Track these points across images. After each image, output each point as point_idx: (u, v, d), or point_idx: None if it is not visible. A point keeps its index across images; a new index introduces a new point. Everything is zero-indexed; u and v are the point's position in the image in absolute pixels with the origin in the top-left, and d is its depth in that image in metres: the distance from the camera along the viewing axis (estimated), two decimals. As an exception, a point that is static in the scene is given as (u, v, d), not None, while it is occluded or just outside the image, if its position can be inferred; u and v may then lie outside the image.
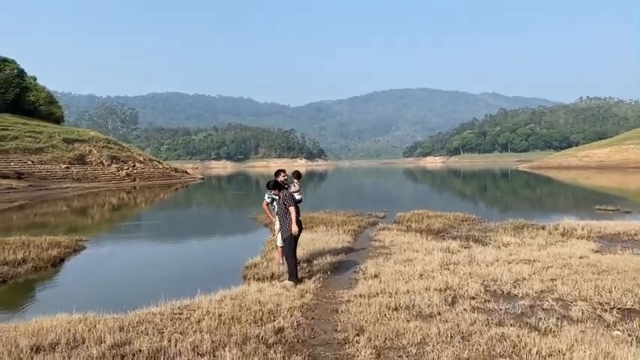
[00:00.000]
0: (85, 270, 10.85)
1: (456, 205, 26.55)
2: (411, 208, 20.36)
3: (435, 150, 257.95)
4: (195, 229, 19.71)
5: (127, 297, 8.06)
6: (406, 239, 11.88)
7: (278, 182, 8.42)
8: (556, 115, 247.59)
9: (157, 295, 7.22)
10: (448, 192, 41.61)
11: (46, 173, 49.93)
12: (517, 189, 41.88)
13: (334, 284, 7.95)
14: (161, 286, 8.58)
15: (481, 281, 7.48)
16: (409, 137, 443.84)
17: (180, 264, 11.39)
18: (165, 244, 15.31)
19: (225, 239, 16.17)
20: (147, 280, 9.64)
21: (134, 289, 8.91)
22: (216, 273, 9.66)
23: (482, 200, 31.49)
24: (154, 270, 10.72)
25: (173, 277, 9.59)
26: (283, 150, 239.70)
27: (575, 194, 34.62)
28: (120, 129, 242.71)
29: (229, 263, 9.65)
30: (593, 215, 18.59)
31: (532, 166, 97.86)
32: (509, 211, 23.37)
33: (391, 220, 17.70)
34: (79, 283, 9.54)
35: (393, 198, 35.16)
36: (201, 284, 8.57)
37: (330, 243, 11.56)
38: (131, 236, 17.88)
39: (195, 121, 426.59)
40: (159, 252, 13.49)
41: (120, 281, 9.62)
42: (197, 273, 9.95)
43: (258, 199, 37.23)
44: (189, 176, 69.75)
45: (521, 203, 27.98)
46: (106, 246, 15.08)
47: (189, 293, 7.46)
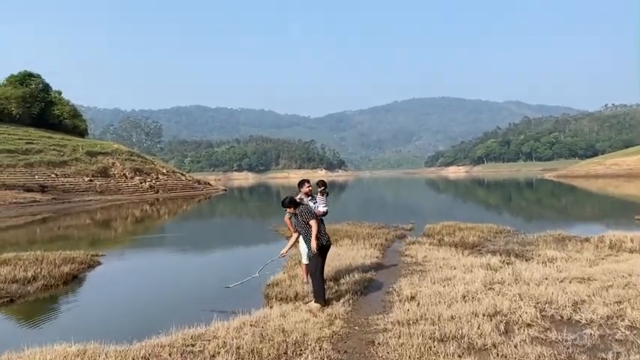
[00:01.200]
0: (96, 289, 10.16)
1: (484, 215, 25.55)
2: (439, 219, 19.43)
3: (457, 159, 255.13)
4: (216, 242, 19.03)
5: (137, 321, 7.34)
6: (440, 254, 10.98)
7: (293, 199, 7.64)
8: (580, 124, 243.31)
9: (169, 320, 6.49)
10: (474, 202, 40.44)
11: (70, 186, 50.03)
12: (546, 198, 40.52)
13: (366, 307, 7.10)
14: (175, 308, 7.87)
15: (534, 304, 6.56)
16: (431, 147, 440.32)
17: (199, 281, 10.65)
18: (184, 258, 14.62)
19: (246, 253, 15.40)
20: (160, 301, 8.86)
21: (145, 311, 8.15)
22: (237, 292, 8.87)
23: (511, 211, 30.32)
24: (169, 288, 9.98)
25: (189, 297, 8.83)
26: (303, 161, 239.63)
27: (608, 204, 33.22)
28: (144, 142, 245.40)
29: (251, 280, 8.87)
30: (633, 225, 17.46)
31: (558, 175, 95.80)
32: (542, 221, 22.32)
33: (420, 232, 16.81)
34: (87, 304, 8.81)
35: (418, 209, 34.15)
36: (220, 305, 7.87)
37: (357, 258, 10.72)
38: (150, 250, 17.27)
39: (218, 133, 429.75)
40: (177, 267, 12.77)
41: (131, 302, 8.87)
42: (216, 292, 9.16)
43: (278, 210, 36.75)
44: (211, 188, 69.54)
45: (553, 213, 26.80)
46: (122, 261, 14.45)
47: (205, 317, 6.72)
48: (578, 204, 33.86)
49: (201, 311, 7.51)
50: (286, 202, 7.56)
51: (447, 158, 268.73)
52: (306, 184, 8.73)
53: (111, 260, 13.98)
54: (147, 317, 7.60)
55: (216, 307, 7.71)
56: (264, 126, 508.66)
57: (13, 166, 48.08)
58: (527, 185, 65.24)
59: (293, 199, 7.58)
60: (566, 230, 15.14)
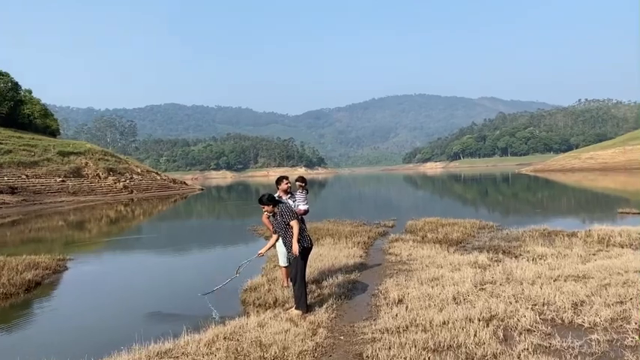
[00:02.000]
0: (58, 298, 9.42)
1: (464, 211, 25.26)
2: (419, 215, 19.11)
3: (434, 155, 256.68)
4: (191, 244, 18.33)
5: (98, 336, 6.67)
6: (425, 252, 10.51)
7: (272, 197, 6.97)
8: (555, 118, 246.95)
9: (134, 334, 5.91)
10: (452, 198, 40.26)
11: (41, 187, 48.57)
12: (524, 193, 40.51)
13: (351, 313, 6.57)
14: (143, 319, 7.25)
15: (531, 306, 6.11)
16: (408, 143, 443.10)
17: (171, 287, 9.99)
18: (157, 261, 13.94)
19: (223, 255, 14.74)
20: (128, 310, 8.11)
21: (109, 323, 7.42)
22: (212, 297, 8.29)
23: (491, 206, 30.13)
24: (139, 296, 9.26)
25: (160, 306, 8.12)
26: (283, 159, 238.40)
27: (587, 197, 33.25)
28: (119, 141, 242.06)
29: (227, 284, 8.27)
30: (617, 219, 17.27)
31: (535, 169, 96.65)
32: (523, 216, 22.06)
33: (402, 229, 16.37)
34: (46, 315, 8.04)
35: (398, 205, 33.80)
36: (192, 313, 7.28)
37: (340, 258, 10.20)
38: (123, 252, 16.54)
39: (194, 131, 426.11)
40: (149, 272, 12.10)
41: (95, 313, 8.12)
42: (188, 297, 8.56)
43: (257, 209, 36.07)
44: (188, 187, 68.44)
45: (533, 208, 26.60)
46: (91, 265, 13.68)
47: (175, 329, 6.14)
48: (557, 198, 33.83)
49: (172, 321, 6.92)
50: (264, 199, 6.86)
51: (424, 154, 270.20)
52: (284, 180, 8.18)
53: (79, 264, 13.25)
54: (110, 330, 6.93)
55: (188, 317, 7.13)
56: (242, 124, 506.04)
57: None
58: (505, 180, 65.42)
59: (272, 197, 6.94)
60: (550, 225, 14.86)
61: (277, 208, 6.84)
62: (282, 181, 8.15)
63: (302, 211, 8.22)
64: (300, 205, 8.34)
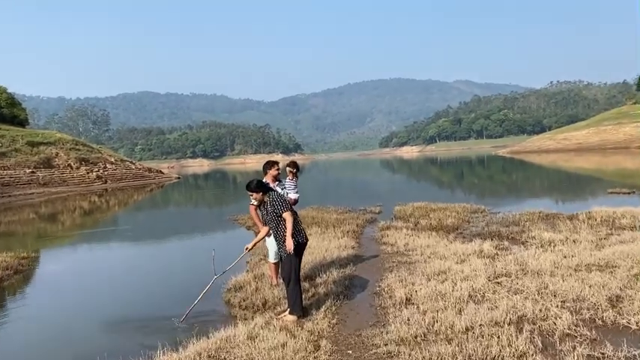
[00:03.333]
0: (12, 305, 8.33)
1: (450, 195, 24.68)
2: (404, 200, 18.28)
3: (410, 139, 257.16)
4: (168, 237, 17.31)
5: (54, 356, 5.71)
6: (423, 241, 9.71)
7: (261, 182, 6.03)
8: (528, 100, 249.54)
9: (98, 351, 5.01)
10: (434, 181, 39.74)
11: (9, 179, 46.68)
12: (505, 175, 40.19)
13: (354, 317, 5.69)
14: (111, 332, 6.27)
15: (560, 303, 5.34)
16: (384, 128, 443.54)
17: (145, 287, 9.01)
18: (131, 257, 12.91)
19: (201, 248, 13.73)
20: (93, 320, 6.95)
21: (69, 338, 6.36)
22: (190, 299, 7.38)
23: (476, 189, 29.59)
24: (108, 301, 8.17)
25: (130, 314, 7.05)
26: (259, 145, 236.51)
27: (571, 178, 32.92)
28: (92, 131, 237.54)
29: (205, 279, 7.37)
30: (608, 199, 16.72)
31: (511, 151, 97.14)
32: (511, 199, 21.51)
33: (390, 215, 15.60)
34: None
35: (380, 190, 33.09)
36: (170, 323, 6.35)
37: (332, 250, 9.33)
38: (94, 247, 15.43)
39: (169, 119, 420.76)
40: (121, 270, 11.05)
41: (53, 324, 7.04)
42: (165, 300, 7.64)
43: (236, 197, 35.20)
44: (164, 176, 66.84)
45: (519, 190, 26.13)
46: (57, 263, 12.57)
47: (148, 343, 5.26)
48: (540, 179, 33.48)
49: (145, 334, 5.99)
50: (253, 185, 5.89)
51: (400, 139, 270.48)
52: (274, 166, 7.22)
53: (45, 263, 12.19)
54: (69, 349, 5.93)
55: (164, 327, 6.20)
56: (217, 111, 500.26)
57: (-58, 160, 44.49)
58: (482, 163, 65.35)
59: (261, 183, 5.98)
60: (543, 207, 14.17)
61: (268, 196, 5.91)
62: (273, 167, 7.19)
63: (292, 201, 7.35)
64: (290, 193, 7.47)
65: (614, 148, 72.11)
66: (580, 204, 16.43)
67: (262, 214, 6.11)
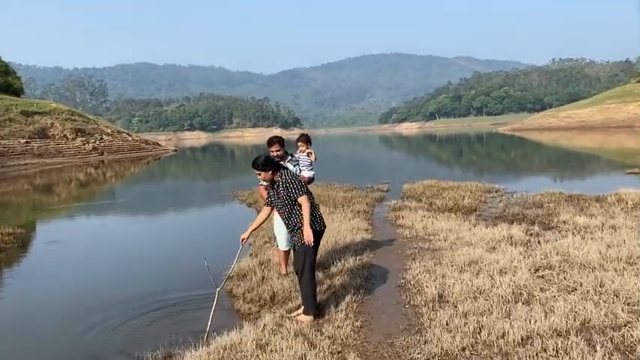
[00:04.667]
0: None
1: (457, 173, 24.00)
2: (411, 177, 17.49)
3: (410, 116, 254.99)
4: (166, 211, 16.51)
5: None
6: (443, 224, 8.87)
7: (271, 159, 5.05)
8: (529, 78, 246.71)
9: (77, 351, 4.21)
10: (438, 158, 38.88)
11: (3, 149, 45.70)
12: (507, 153, 39.31)
13: (380, 318, 4.85)
14: (90, 335, 5.44)
15: (626, 306, 4.52)
16: (384, 103, 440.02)
17: (136, 273, 8.14)
18: (121, 236, 12.06)
19: (201, 227, 12.91)
20: (74, 317, 5.97)
21: (42, 338, 5.44)
22: (188, 288, 6.57)
23: (483, 166, 28.76)
24: (94, 290, 7.13)
25: (119, 306, 6.20)
26: (258, 119, 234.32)
27: (582, 157, 32.05)
28: (89, 102, 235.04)
29: (208, 271, 6.57)
30: (628, 180, 15.89)
31: (512, 129, 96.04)
32: (523, 177, 20.69)
33: (399, 193, 14.78)
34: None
35: (383, 166, 32.24)
36: (163, 322, 5.56)
37: (344, 233, 8.49)
38: (86, 222, 14.65)
39: (167, 91, 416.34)
40: (113, 251, 10.14)
41: (24, 324, 6.03)
42: (159, 289, 6.82)
43: (236, 172, 34.36)
44: (161, 148, 65.89)
45: (527, 169, 25.29)
46: (44, 242, 11.74)
47: (135, 348, 4.47)
48: (546, 158, 32.65)
49: (133, 338, 5.17)
50: (260, 162, 4.90)
51: (400, 115, 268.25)
52: (275, 145, 6.18)
53: (33, 239, 11.35)
54: (50, 345, 5.12)
55: (156, 328, 5.40)
56: (216, 83, 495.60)
57: (-64, 129, 43.38)
58: (482, 140, 64.45)
59: (270, 159, 5.02)
60: (562, 188, 13.35)
61: (279, 176, 4.98)
62: (274, 145, 6.20)
63: (306, 179, 6.47)
64: (303, 171, 6.59)
65: (618, 126, 71.12)
66: (600, 185, 15.56)
67: (271, 197, 5.11)
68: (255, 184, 17.62)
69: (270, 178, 4.97)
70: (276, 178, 4.97)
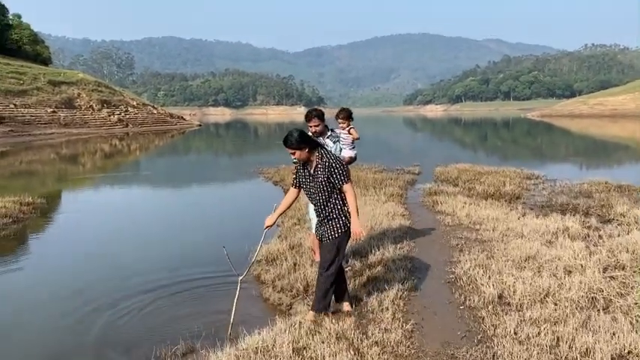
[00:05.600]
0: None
1: (489, 158, 23.15)
2: (441, 160, 16.94)
3: (436, 98, 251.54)
4: (188, 187, 16.05)
5: (36, 344, 4.35)
6: (486, 212, 8.15)
7: (306, 135, 4.21)
8: (560, 63, 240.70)
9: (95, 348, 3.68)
10: (467, 141, 37.87)
11: (30, 118, 45.90)
12: (536, 139, 38.08)
13: (433, 321, 4.18)
14: (109, 316, 4.92)
15: None
16: (409, 85, 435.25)
17: (157, 250, 7.59)
18: (143, 210, 11.58)
19: (225, 204, 12.37)
20: (85, 299, 5.39)
21: (47, 327, 4.85)
22: (212, 269, 6.05)
23: (511, 151, 27.82)
24: (107, 271, 6.52)
25: (136, 288, 5.66)
26: (282, 97, 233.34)
27: (619, 146, 30.81)
28: (116, 74, 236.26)
29: (232, 247, 6.00)
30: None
31: (541, 114, 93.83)
32: (558, 164, 19.77)
33: (431, 176, 14.09)
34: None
35: (411, 148, 31.46)
36: (185, 294, 5.07)
37: (379, 218, 7.84)
38: (108, 194, 14.28)
39: (192, 66, 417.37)
40: (129, 226, 9.56)
41: (40, 300, 5.53)
42: (181, 269, 6.29)
43: (260, 149, 33.86)
44: (185, 123, 65.68)
45: (564, 156, 24.31)
46: (64, 213, 11.34)
47: (158, 333, 3.94)
48: (582, 145, 31.50)
49: (147, 326, 4.64)
50: (293, 139, 4.10)
51: (425, 97, 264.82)
52: (313, 120, 5.43)
53: (51, 211, 10.91)
54: (58, 331, 4.58)
55: (173, 316, 4.88)
56: (241, 59, 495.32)
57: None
58: (508, 125, 62.96)
59: (306, 135, 4.21)
60: (603, 177, 12.46)
61: (318, 155, 4.18)
62: (311, 119, 5.46)
63: (346, 159, 5.82)
64: (345, 149, 5.92)
65: (652, 115, 68.97)
66: None
67: (300, 179, 4.30)
68: (281, 161, 17.16)
69: (305, 157, 4.16)
70: (312, 158, 4.19)
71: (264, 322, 4.39)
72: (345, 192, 4.14)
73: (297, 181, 4.37)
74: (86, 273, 6.40)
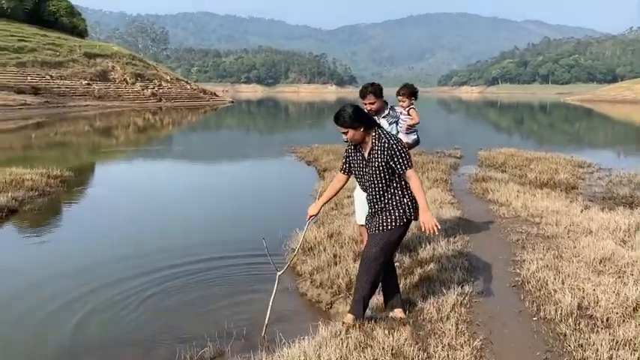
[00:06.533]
0: (16, 242, 6.64)
1: (531, 143, 22.19)
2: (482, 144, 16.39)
3: (471, 79, 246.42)
4: (221, 164, 15.68)
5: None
6: (545, 203, 7.38)
7: (361, 112, 3.58)
8: (602, 47, 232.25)
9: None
10: (506, 125, 36.68)
11: (66, 89, 46.39)
12: (583, 125, 36.59)
13: (504, 336, 3.49)
14: (131, 305, 4.43)
15: None
16: (444, 65, 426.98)
17: (186, 231, 7.12)
18: (174, 187, 11.11)
19: (259, 184, 11.81)
20: (106, 284, 4.90)
21: (65, 305, 4.41)
22: (244, 254, 5.55)
23: (557, 137, 26.74)
24: (130, 252, 6.04)
25: (161, 272, 5.17)
26: (314, 75, 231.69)
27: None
28: (150, 48, 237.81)
29: (265, 230, 5.44)
30: None
31: (582, 99, 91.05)
32: (605, 152, 18.70)
33: (474, 161, 13.39)
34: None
35: (449, 130, 30.55)
36: (214, 283, 4.59)
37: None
38: (139, 169, 14.00)
39: (226, 42, 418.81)
40: (158, 204, 9.10)
41: (58, 282, 5.08)
42: (211, 253, 5.79)
43: (293, 127, 33.34)
44: (218, 99, 65.54)
45: (613, 144, 23.14)
46: (91, 187, 11.00)
47: (184, 329, 3.47)
48: (631, 134, 30.09)
49: (171, 320, 4.13)
50: (347, 114, 3.48)
51: (460, 78, 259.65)
52: (368, 97, 4.76)
53: (79, 184, 10.52)
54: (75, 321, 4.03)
55: (200, 309, 4.37)
56: (274, 37, 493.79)
57: (3, 65, 44.05)
58: (550, 109, 61.15)
59: (363, 112, 3.60)
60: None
61: (375, 136, 3.54)
62: (366, 96, 4.77)
63: (410, 144, 5.18)
64: (402, 134, 5.24)
65: (701, 103, 66.08)
66: None
67: (355, 165, 3.68)
68: (313, 140, 16.55)
69: (360, 138, 3.53)
70: (368, 140, 3.54)
71: (303, 323, 3.91)
72: (408, 179, 3.50)
73: (346, 165, 3.75)
74: (105, 253, 5.96)
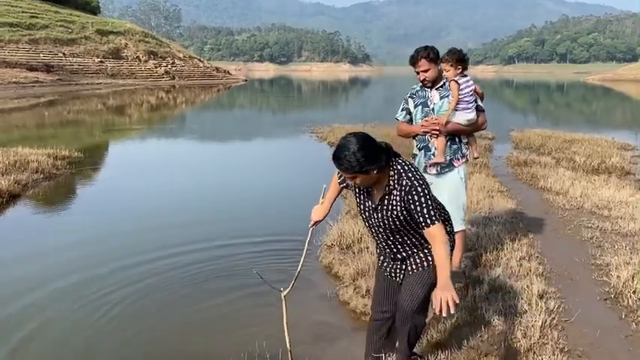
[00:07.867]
0: (18, 228, 5.98)
1: (562, 123, 21.15)
2: (510, 124, 16.11)
3: (487, 58, 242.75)
4: (236, 144, 14.92)
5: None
6: (608, 192, 6.46)
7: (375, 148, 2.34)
8: (623, 25, 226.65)
9: None
10: (532, 106, 35.56)
11: (78, 67, 45.81)
12: (605, 105, 35.32)
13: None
14: (138, 317, 3.70)
15: None
16: (460, 43, 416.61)
17: (201, 231, 6.06)
18: (187, 168, 10.26)
19: (278, 168, 10.81)
20: (109, 281, 4.25)
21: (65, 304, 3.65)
22: (268, 260, 4.79)
23: (586, 118, 25.70)
24: (137, 243, 5.34)
25: (175, 269, 4.47)
26: (327, 53, 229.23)
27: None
28: (163, 26, 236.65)
29: (292, 228, 4.68)
30: None
31: (603, 79, 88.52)
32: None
33: (507, 141, 12.68)
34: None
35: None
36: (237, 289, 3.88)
37: (475, 195, 6.27)
38: (151, 148, 13.34)
39: (239, 20, 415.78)
40: (169, 190, 8.16)
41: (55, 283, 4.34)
42: (228, 243, 5.08)
43: (308, 106, 32.46)
44: (231, 77, 64.50)
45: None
46: (101, 169, 10.30)
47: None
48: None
49: (184, 345, 3.38)
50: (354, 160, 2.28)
51: (475, 56, 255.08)
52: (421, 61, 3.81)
53: (88, 166, 9.79)
54: None
55: (212, 322, 3.66)
56: (287, 14, 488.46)
57: (15, 42, 43.43)
58: (572, 89, 59.57)
59: (369, 148, 2.31)
60: None
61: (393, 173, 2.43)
62: (418, 61, 3.82)
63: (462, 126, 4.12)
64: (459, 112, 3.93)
65: None
66: None
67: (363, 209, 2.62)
68: (333, 120, 15.74)
69: (374, 180, 2.44)
70: (383, 180, 2.44)
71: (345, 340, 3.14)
72: (431, 237, 2.37)
73: (343, 178, 2.71)
74: (105, 253, 5.11)
